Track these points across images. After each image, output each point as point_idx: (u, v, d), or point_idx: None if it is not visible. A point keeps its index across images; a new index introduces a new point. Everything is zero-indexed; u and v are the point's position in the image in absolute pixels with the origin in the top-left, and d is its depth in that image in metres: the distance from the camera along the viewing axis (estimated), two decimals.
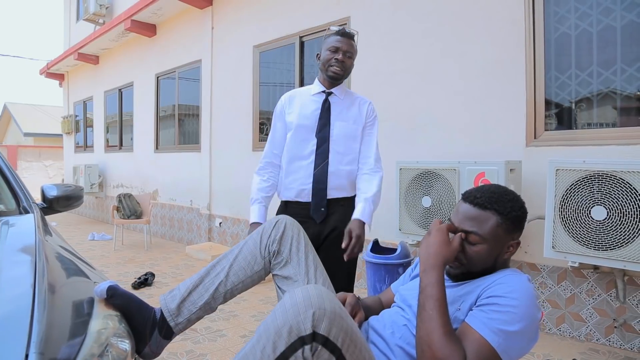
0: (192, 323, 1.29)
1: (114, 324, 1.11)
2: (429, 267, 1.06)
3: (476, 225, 1.10)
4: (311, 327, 0.91)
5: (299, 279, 1.30)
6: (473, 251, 1.11)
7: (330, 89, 1.98)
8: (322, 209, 1.88)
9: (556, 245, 2.45)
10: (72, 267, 1.43)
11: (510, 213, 1.10)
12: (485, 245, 1.10)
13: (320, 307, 0.92)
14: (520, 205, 1.13)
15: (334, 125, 1.93)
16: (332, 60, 1.90)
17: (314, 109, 1.95)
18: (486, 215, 1.10)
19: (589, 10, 2.79)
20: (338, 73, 1.91)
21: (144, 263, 5.05)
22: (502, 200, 1.11)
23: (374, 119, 2.03)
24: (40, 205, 2.04)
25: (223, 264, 1.31)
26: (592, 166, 2.32)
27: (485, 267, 1.12)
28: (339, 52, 1.90)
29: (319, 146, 1.90)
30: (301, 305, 0.92)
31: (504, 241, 1.11)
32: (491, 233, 1.09)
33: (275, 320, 0.94)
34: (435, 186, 2.94)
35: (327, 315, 0.92)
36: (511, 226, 1.10)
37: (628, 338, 2.60)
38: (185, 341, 2.80)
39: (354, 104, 2.01)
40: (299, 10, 4.62)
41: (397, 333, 1.13)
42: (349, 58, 1.93)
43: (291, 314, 0.92)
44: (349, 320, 0.98)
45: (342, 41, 1.91)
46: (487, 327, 0.97)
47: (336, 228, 1.89)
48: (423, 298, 1.03)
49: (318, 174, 1.88)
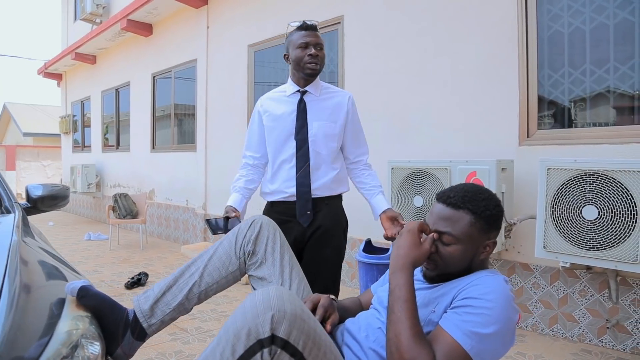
0: (166, 324, 1.27)
1: (84, 325, 1.09)
2: (397, 268, 1.04)
3: (449, 226, 1.07)
4: (269, 329, 0.89)
5: (274, 279, 1.27)
6: (447, 252, 1.08)
7: (305, 87, 1.92)
8: (307, 212, 1.86)
9: (547, 246, 2.43)
10: (49, 268, 1.41)
11: (484, 212, 1.07)
12: (460, 245, 1.07)
13: (279, 309, 0.90)
14: (495, 204, 1.10)
15: (312, 126, 1.88)
16: (306, 57, 1.83)
17: (290, 111, 1.90)
18: (459, 215, 1.07)
19: (581, 8, 2.77)
20: (315, 69, 1.85)
21: (139, 263, 5.04)
22: (475, 199, 1.08)
23: (356, 113, 2.01)
24: (24, 205, 2.02)
25: (198, 265, 1.29)
26: (583, 165, 2.29)
27: (460, 268, 1.10)
28: (309, 47, 1.83)
29: (299, 148, 1.86)
30: (260, 307, 0.90)
31: (479, 241, 1.08)
32: (465, 233, 1.07)
33: (234, 322, 0.92)
34: (427, 186, 2.91)
35: (286, 318, 0.90)
36: (485, 225, 1.08)
37: (620, 339, 2.57)
38: (175, 341, 2.78)
39: (331, 99, 1.95)
40: (293, 9, 4.60)
41: (372, 336, 1.10)
42: (321, 50, 1.86)
43: (250, 316, 0.90)
44: (313, 322, 0.96)
45: (308, 35, 1.84)
46: (460, 330, 0.95)
47: (320, 227, 1.87)
48: (392, 300, 1.00)
49: (300, 177, 1.84)
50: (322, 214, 1.88)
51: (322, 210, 1.88)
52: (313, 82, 1.93)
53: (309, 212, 1.85)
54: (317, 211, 1.88)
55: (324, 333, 0.99)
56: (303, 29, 1.86)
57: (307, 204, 1.84)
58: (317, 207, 1.88)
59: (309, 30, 1.85)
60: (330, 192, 1.91)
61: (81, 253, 5.61)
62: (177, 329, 2.98)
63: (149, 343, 2.70)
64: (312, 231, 1.87)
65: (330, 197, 1.91)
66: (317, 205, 1.88)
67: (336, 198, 1.95)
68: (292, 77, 1.95)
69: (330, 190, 1.90)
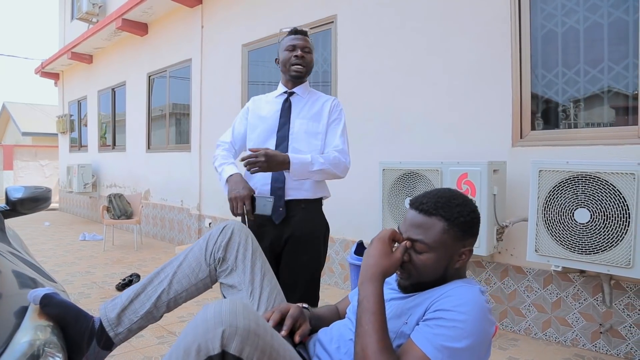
0: (134, 333, 1.22)
1: (44, 335, 1.05)
2: (366, 279, 0.99)
3: (422, 233, 1.03)
4: (220, 346, 0.84)
5: (243, 287, 1.23)
6: (420, 260, 1.03)
7: (292, 88, 1.97)
8: (280, 209, 1.83)
9: (539, 249, 2.39)
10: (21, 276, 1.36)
11: (457, 219, 1.02)
12: (433, 253, 1.02)
13: (231, 324, 0.85)
14: (469, 210, 1.05)
15: (294, 123, 1.91)
16: (292, 59, 1.89)
17: (275, 110, 1.94)
18: (432, 222, 1.03)
19: (575, 7, 2.72)
20: (300, 70, 1.90)
21: (132, 264, 5.00)
22: (449, 205, 1.03)
23: (339, 114, 1.99)
24: (3, 207, 1.98)
25: (167, 272, 1.25)
26: (575, 167, 2.25)
27: (435, 277, 1.05)
28: (296, 49, 1.90)
29: (278, 145, 1.87)
30: (210, 322, 0.86)
31: (453, 249, 1.03)
32: (438, 241, 1.02)
33: (185, 337, 0.87)
34: (418, 187, 2.87)
35: (238, 333, 0.85)
36: (460, 232, 1.03)
37: (614, 343, 2.53)
38: (162, 345, 2.74)
39: (317, 101, 1.98)
40: (287, 8, 4.56)
41: (343, 348, 1.06)
42: (308, 53, 1.93)
43: (200, 331, 0.86)
44: (269, 338, 0.91)
45: (297, 39, 1.92)
46: (431, 344, 0.90)
47: (296, 232, 1.84)
48: (360, 312, 0.96)
49: (276, 174, 1.82)
50: (298, 218, 1.85)
51: (298, 215, 1.85)
52: (301, 85, 1.98)
53: (282, 209, 1.83)
54: (292, 215, 1.85)
55: (283, 348, 0.94)
56: (293, 33, 1.95)
57: (280, 200, 1.82)
58: (293, 211, 1.85)
59: (298, 35, 1.93)
60: (308, 195, 1.87)
61: (75, 254, 5.58)
62: (165, 332, 2.94)
63: (135, 347, 2.67)
64: (288, 235, 1.84)
65: (307, 201, 1.87)
66: (293, 209, 1.84)
67: (314, 202, 1.90)
68: (282, 79, 2.02)
69: (307, 193, 1.87)
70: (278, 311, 1.12)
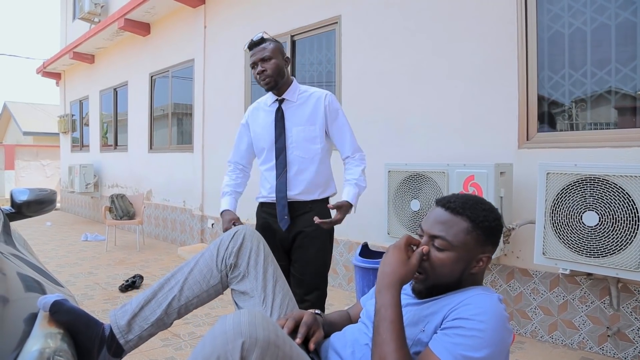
0: (144, 340, 1.21)
1: (55, 343, 1.03)
2: (383, 287, 0.98)
3: (445, 230, 1.03)
4: (239, 357, 0.83)
5: (256, 294, 1.22)
6: (438, 259, 1.03)
7: (281, 95, 2.00)
8: (285, 217, 1.92)
9: (547, 252, 2.37)
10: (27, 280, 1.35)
11: (482, 222, 1.03)
12: (453, 253, 1.02)
13: (251, 335, 0.84)
14: (495, 217, 1.05)
15: (291, 132, 1.96)
16: (257, 77, 1.93)
17: (270, 122, 2.00)
18: (457, 221, 1.03)
19: (582, 8, 2.71)
20: (268, 82, 1.92)
21: (135, 265, 4.99)
22: (476, 207, 1.04)
23: (336, 111, 2.02)
24: (8, 210, 1.97)
25: (177, 278, 1.23)
26: (583, 170, 2.23)
27: (451, 280, 1.04)
28: (256, 66, 1.92)
29: (277, 156, 1.95)
30: (230, 334, 0.84)
31: (473, 252, 1.03)
32: (460, 240, 1.02)
33: (203, 348, 0.86)
34: (424, 189, 2.85)
35: (258, 345, 0.84)
36: (482, 236, 1.03)
37: (622, 347, 2.51)
38: (167, 347, 2.73)
39: (308, 102, 2.00)
40: (291, 9, 4.54)
41: (358, 353, 1.04)
42: (267, 61, 1.90)
43: (219, 342, 0.84)
44: (288, 348, 0.90)
45: (253, 53, 1.92)
46: (450, 353, 0.89)
47: (304, 230, 1.92)
48: (377, 320, 0.95)
49: (279, 183, 1.92)
50: (306, 217, 1.93)
51: (306, 213, 1.93)
52: (288, 89, 2.00)
53: (286, 217, 1.92)
54: (301, 214, 1.94)
55: (301, 358, 0.93)
56: (249, 48, 1.95)
57: (284, 209, 1.92)
58: (301, 210, 1.94)
59: (252, 48, 1.93)
60: (314, 196, 1.95)
61: (77, 254, 5.56)
62: (170, 334, 2.93)
63: (140, 350, 2.65)
64: (296, 233, 1.94)
65: (314, 201, 1.95)
66: (300, 208, 1.94)
67: (321, 202, 1.98)
68: None
69: (313, 195, 1.95)
70: (292, 319, 1.11)
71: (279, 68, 1.92)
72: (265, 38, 1.93)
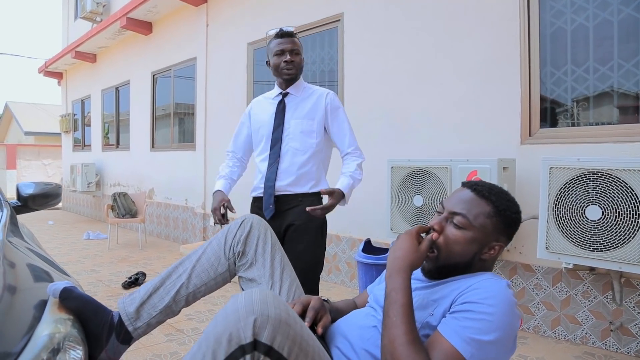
0: (152, 327, 1.22)
1: (65, 329, 1.04)
2: (394, 271, 0.99)
3: (467, 209, 1.05)
4: (252, 335, 0.84)
5: (263, 281, 1.23)
6: (454, 235, 1.05)
7: (286, 89, 2.04)
8: (270, 206, 1.95)
9: (550, 246, 2.38)
10: (35, 270, 1.36)
11: (505, 211, 1.05)
12: (469, 232, 1.04)
13: (262, 313, 0.85)
14: (516, 210, 1.08)
15: (289, 124, 1.99)
16: (282, 64, 1.96)
17: (271, 113, 2.03)
18: (480, 203, 1.05)
19: (585, 4, 2.71)
20: (291, 74, 1.97)
21: (137, 262, 5.00)
22: (501, 196, 1.07)
23: (337, 108, 2.05)
24: (14, 203, 1.98)
25: (185, 266, 1.24)
26: (586, 164, 2.24)
27: (460, 261, 1.05)
28: (285, 53, 1.95)
29: (272, 146, 1.98)
30: (242, 312, 0.85)
31: (489, 238, 1.05)
32: (479, 222, 1.04)
33: (215, 326, 0.87)
34: (427, 185, 2.86)
35: (270, 322, 0.85)
36: (501, 225, 1.05)
37: (625, 341, 2.52)
38: (171, 342, 2.74)
39: (310, 98, 2.04)
40: (293, 7, 4.55)
41: (366, 335, 1.06)
42: (297, 55, 1.98)
43: (232, 320, 0.85)
44: (299, 327, 0.91)
45: (284, 42, 1.96)
46: (459, 336, 0.90)
47: (293, 223, 1.94)
48: (387, 304, 0.96)
49: (269, 172, 1.95)
50: (296, 211, 1.94)
51: (296, 207, 1.94)
52: (295, 84, 2.05)
53: (271, 206, 1.95)
54: (290, 207, 1.96)
55: (311, 338, 0.94)
56: (279, 36, 1.98)
57: (270, 198, 1.95)
58: (291, 203, 1.95)
59: (284, 37, 1.97)
60: (304, 189, 1.97)
61: (80, 252, 5.58)
62: (174, 329, 2.94)
63: (144, 345, 2.66)
64: (286, 227, 1.95)
65: (305, 195, 1.96)
66: (290, 202, 1.96)
67: (312, 196, 1.99)
68: (276, 81, 2.10)
69: (303, 187, 1.97)
70: (300, 303, 1.12)
71: (302, 65, 2.02)
72: (295, 33, 2.02)
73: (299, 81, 2.06)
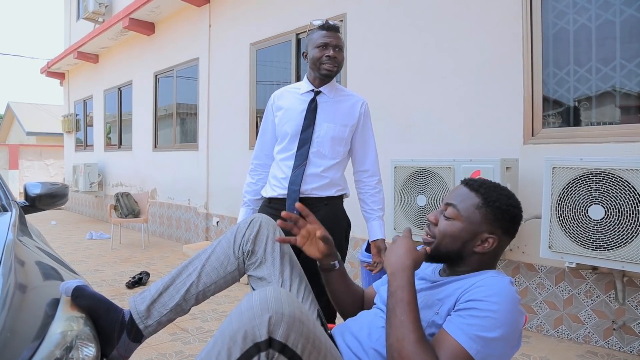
0: (163, 325, 1.23)
1: (78, 326, 1.06)
2: (397, 269, 1.01)
3: (458, 201, 1.10)
4: (267, 332, 0.86)
5: (273, 280, 1.24)
6: (444, 225, 1.10)
7: (319, 87, 1.89)
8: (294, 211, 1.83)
9: (553, 245, 2.39)
10: (45, 268, 1.38)
11: (493, 202, 1.07)
12: (458, 222, 1.08)
13: (277, 311, 0.87)
14: (509, 202, 1.09)
15: (321, 127, 1.85)
16: (323, 58, 1.80)
17: (301, 110, 1.87)
18: (470, 195, 1.10)
19: (587, 4, 2.73)
20: (332, 70, 1.82)
21: (140, 262, 5.02)
22: (492, 189, 1.10)
23: (369, 121, 1.97)
24: (22, 203, 2.00)
25: (195, 264, 1.26)
26: (589, 164, 2.25)
27: (452, 249, 1.09)
28: (328, 48, 1.80)
29: (299, 147, 1.84)
30: (257, 309, 0.87)
31: (479, 228, 1.07)
32: (467, 212, 1.08)
33: (230, 324, 0.89)
34: (430, 184, 2.88)
35: (284, 320, 0.86)
36: (490, 215, 1.07)
37: (627, 340, 2.53)
38: (176, 342, 2.76)
39: (345, 103, 1.91)
40: (295, 7, 4.57)
41: (374, 335, 1.07)
42: (340, 52, 1.83)
43: (246, 318, 0.87)
44: (312, 325, 0.92)
45: (329, 36, 1.81)
46: (464, 333, 0.91)
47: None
48: (393, 302, 0.97)
49: (293, 176, 1.83)
50: (321, 214, 1.82)
51: (320, 211, 1.83)
52: (329, 83, 1.90)
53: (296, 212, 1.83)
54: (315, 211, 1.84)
55: (324, 335, 0.96)
56: (324, 28, 1.82)
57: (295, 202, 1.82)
58: (316, 207, 1.83)
59: (329, 31, 1.82)
60: (331, 193, 1.88)
61: (83, 252, 5.60)
62: (178, 329, 2.96)
63: (149, 344, 2.68)
64: None
65: (330, 198, 1.88)
66: (316, 205, 1.84)
67: (336, 198, 1.92)
68: (309, 75, 1.92)
69: (329, 191, 1.88)
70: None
71: (342, 64, 1.88)
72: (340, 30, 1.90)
73: (333, 81, 1.91)
